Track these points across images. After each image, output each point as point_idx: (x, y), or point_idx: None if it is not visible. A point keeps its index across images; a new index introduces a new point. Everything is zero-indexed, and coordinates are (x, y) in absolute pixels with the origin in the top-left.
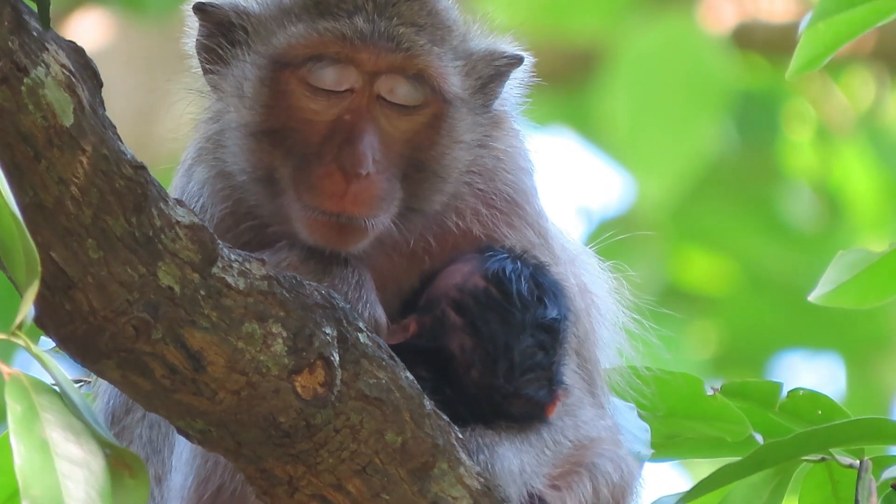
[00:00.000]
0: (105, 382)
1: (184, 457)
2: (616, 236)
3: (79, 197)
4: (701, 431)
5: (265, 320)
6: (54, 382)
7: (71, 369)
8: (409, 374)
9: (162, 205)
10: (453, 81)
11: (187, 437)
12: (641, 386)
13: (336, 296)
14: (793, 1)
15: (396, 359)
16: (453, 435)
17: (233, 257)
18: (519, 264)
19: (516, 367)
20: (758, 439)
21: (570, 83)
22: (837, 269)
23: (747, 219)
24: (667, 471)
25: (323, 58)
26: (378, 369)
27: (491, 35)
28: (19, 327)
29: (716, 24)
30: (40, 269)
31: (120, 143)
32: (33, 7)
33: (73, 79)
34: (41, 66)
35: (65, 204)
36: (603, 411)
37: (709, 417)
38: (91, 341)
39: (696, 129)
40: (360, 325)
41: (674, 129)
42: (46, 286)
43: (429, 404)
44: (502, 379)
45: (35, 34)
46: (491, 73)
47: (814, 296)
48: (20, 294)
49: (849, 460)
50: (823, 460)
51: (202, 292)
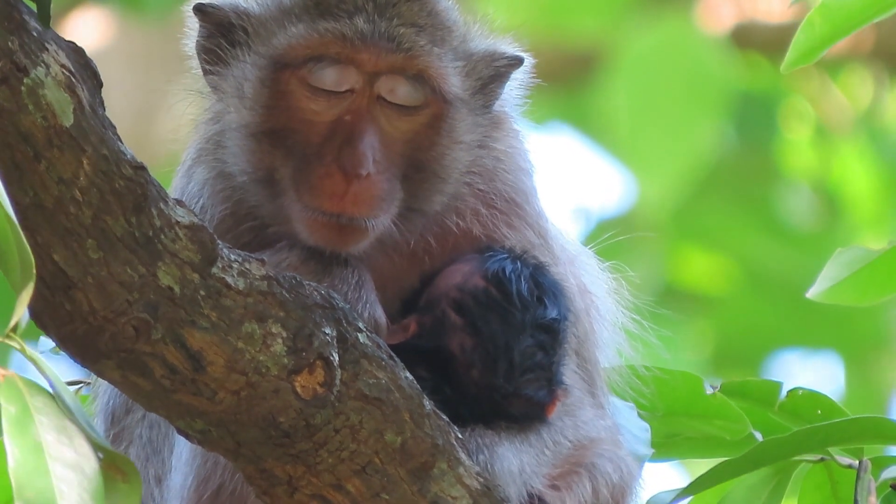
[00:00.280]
0: (105, 382)
1: (183, 457)
2: (616, 236)
3: (79, 197)
4: (700, 430)
5: (265, 320)
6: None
7: (71, 370)
8: (408, 374)
9: (162, 205)
10: (453, 82)
11: (187, 437)
12: (641, 386)
13: (336, 296)
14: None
15: (396, 359)
16: (453, 435)
17: (232, 257)
18: (519, 264)
19: (516, 367)
20: (757, 437)
21: (569, 83)
22: (836, 267)
23: (746, 218)
24: (666, 470)
25: (323, 58)
26: (378, 369)
27: (491, 36)
28: (14, 329)
29: (714, 24)
30: (35, 271)
31: (120, 143)
32: (33, 7)
33: (73, 79)
34: (41, 67)
35: (65, 204)
36: (603, 411)
37: (708, 416)
38: (91, 341)
39: (696, 128)
40: (360, 325)
41: (673, 128)
42: (46, 286)
43: (428, 404)
44: (502, 379)
45: (35, 34)
46: (491, 74)
47: (812, 292)
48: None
49: (848, 460)
50: (822, 460)
51: (202, 292)
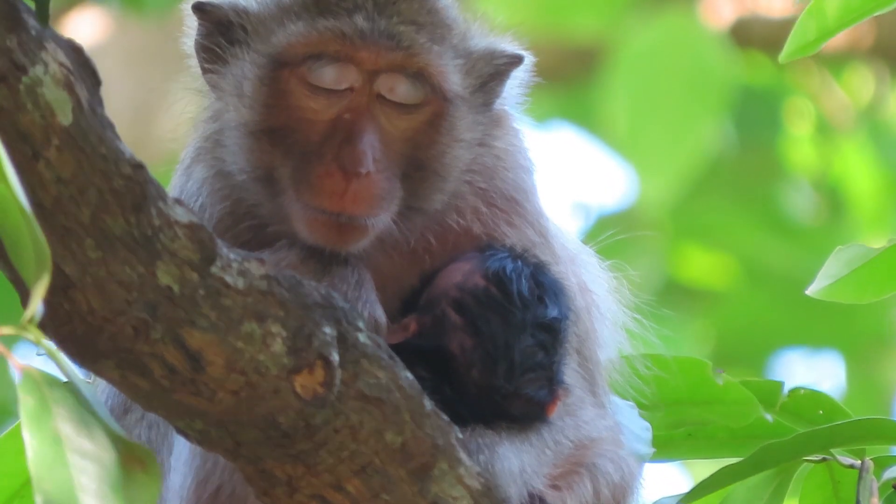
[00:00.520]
0: (104, 382)
1: (183, 457)
2: (617, 235)
3: (77, 196)
4: (706, 417)
5: (264, 320)
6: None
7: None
8: (408, 374)
9: (161, 204)
10: (453, 80)
11: (186, 437)
12: (641, 385)
13: (336, 295)
14: None
15: (396, 358)
16: (453, 435)
17: (232, 257)
18: (519, 263)
19: (516, 366)
20: (767, 419)
21: (570, 80)
22: (836, 264)
23: (748, 215)
24: (669, 469)
25: (322, 56)
26: (378, 369)
27: (491, 34)
28: (30, 321)
29: (715, 20)
30: (51, 263)
31: (118, 142)
32: (32, 5)
33: (72, 77)
34: (40, 65)
35: (63, 203)
36: (604, 411)
37: (715, 401)
38: (90, 341)
39: (697, 125)
40: (360, 324)
41: (674, 125)
42: None
43: (429, 404)
44: (502, 378)
45: (33, 33)
46: (491, 72)
47: (812, 290)
48: (18, 292)
49: (850, 461)
50: (824, 461)
51: (201, 292)
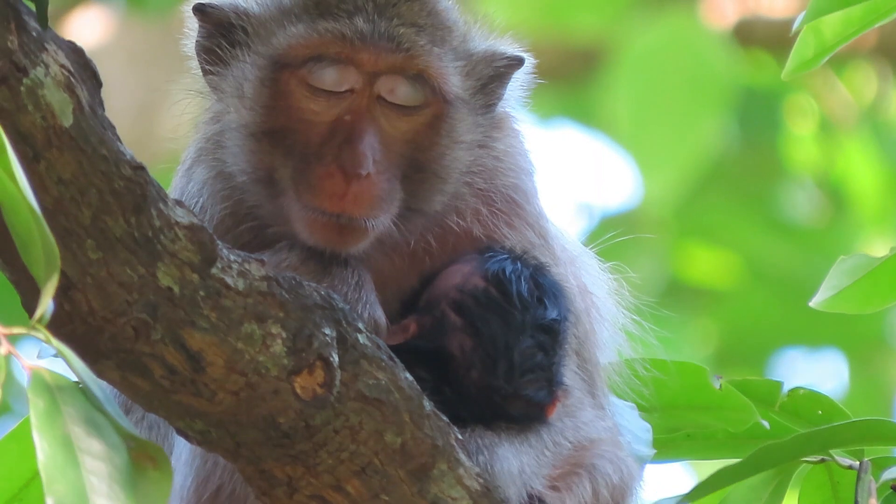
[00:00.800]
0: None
1: (183, 457)
2: (619, 236)
3: (78, 197)
4: (704, 423)
5: (264, 321)
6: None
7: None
8: (408, 375)
9: (161, 205)
10: (453, 82)
11: (187, 437)
12: (641, 386)
13: (335, 296)
14: None
15: (396, 359)
16: (453, 436)
17: (232, 258)
18: (519, 265)
19: (516, 367)
20: (764, 425)
21: (573, 80)
22: (838, 275)
23: (750, 214)
24: (670, 469)
25: (323, 58)
26: (377, 370)
27: (492, 36)
28: (39, 321)
29: (718, 20)
30: (59, 262)
31: (119, 143)
32: (32, 7)
33: (73, 79)
34: (40, 67)
35: (64, 204)
36: (603, 412)
37: (712, 407)
38: (90, 342)
39: (699, 124)
40: (360, 325)
41: (676, 125)
42: None
43: (428, 405)
44: (502, 380)
45: (34, 34)
46: (491, 74)
47: (815, 301)
48: (19, 292)
49: (848, 461)
50: (823, 461)
51: (201, 293)
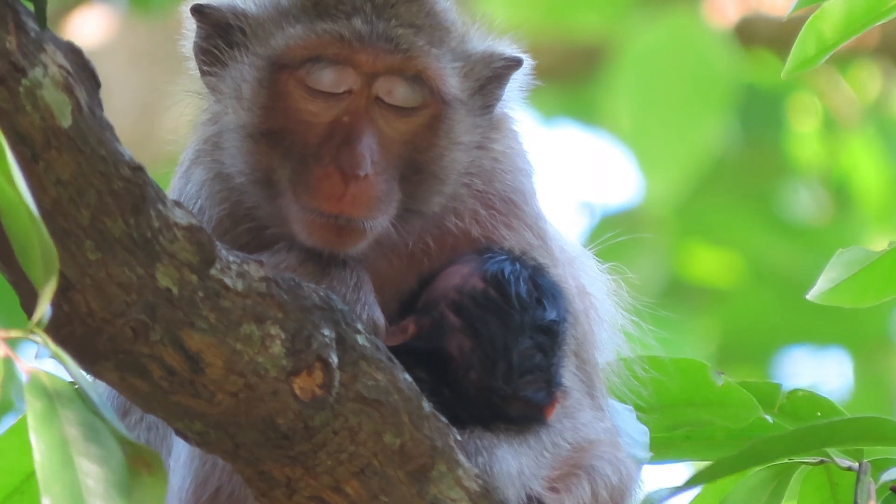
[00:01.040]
0: (103, 384)
1: (182, 459)
2: (620, 235)
3: (76, 198)
4: (705, 419)
5: (263, 322)
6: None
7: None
8: (407, 376)
9: (160, 206)
10: (452, 83)
11: (185, 438)
12: (639, 387)
13: (334, 297)
14: None
15: (395, 360)
16: (452, 437)
17: (231, 259)
18: (518, 266)
19: (515, 368)
20: (767, 420)
21: (574, 79)
22: (836, 268)
23: (752, 213)
24: (675, 470)
25: (321, 59)
26: (376, 371)
27: (490, 36)
28: (37, 324)
29: (719, 18)
30: (58, 265)
31: (118, 144)
32: (30, 7)
33: (71, 80)
34: (39, 67)
35: (63, 205)
36: (602, 413)
37: (714, 403)
38: (89, 343)
39: (701, 123)
40: (359, 326)
41: (678, 123)
42: None
43: (427, 406)
44: (501, 381)
45: (33, 35)
46: (489, 75)
47: (812, 294)
48: (18, 293)
49: (847, 462)
50: (822, 462)
51: (200, 294)
